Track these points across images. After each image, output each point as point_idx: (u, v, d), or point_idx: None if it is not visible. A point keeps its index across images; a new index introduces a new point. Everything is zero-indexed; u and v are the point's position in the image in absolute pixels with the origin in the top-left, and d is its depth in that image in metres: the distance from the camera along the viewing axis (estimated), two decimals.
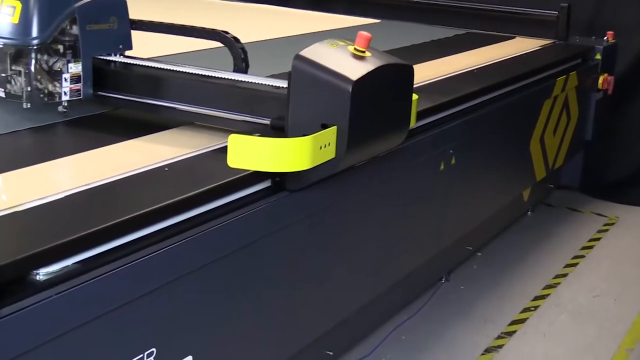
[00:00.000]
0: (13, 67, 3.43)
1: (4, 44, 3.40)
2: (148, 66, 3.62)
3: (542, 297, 5.22)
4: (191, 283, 2.77)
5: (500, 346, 4.60)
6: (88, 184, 2.82)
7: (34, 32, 3.36)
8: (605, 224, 6.51)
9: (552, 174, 6.18)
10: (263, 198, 3.06)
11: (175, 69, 3.57)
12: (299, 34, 5.77)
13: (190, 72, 3.54)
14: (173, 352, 2.75)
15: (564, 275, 5.55)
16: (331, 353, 3.96)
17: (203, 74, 3.52)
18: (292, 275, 3.34)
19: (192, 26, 3.90)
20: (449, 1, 6.88)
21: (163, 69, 3.60)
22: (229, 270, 2.96)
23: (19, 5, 3.37)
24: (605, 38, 6.45)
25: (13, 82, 3.45)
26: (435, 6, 6.90)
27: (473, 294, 5.16)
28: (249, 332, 3.16)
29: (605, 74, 6.38)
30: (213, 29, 3.81)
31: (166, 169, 3.05)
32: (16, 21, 3.36)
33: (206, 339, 2.91)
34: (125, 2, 3.67)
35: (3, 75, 3.46)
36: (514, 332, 4.77)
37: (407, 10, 6.85)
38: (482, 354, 4.51)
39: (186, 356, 2.80)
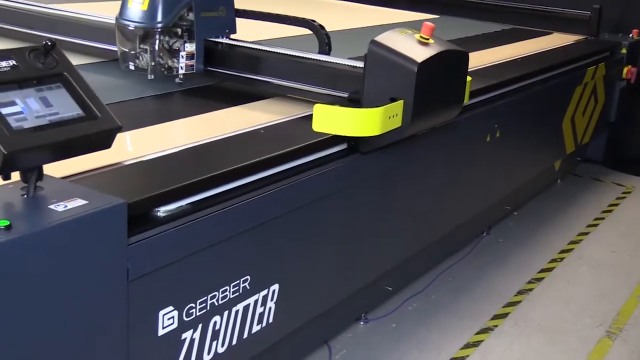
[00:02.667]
0: (141, 46, 3.49)
1: (135, 27, 3.45)
2: (249, 47, 3.65)
3: (567, 250, 5.16)
4: (280, 225, 2.80)
5: (530, 289, 4.57)
6: (199, 141, 2.88)
7: (159, 17, 3.41)
8: (623, 192, 6.39)
9: (579, 149, 6.08)
10: (340, 158, 3.07)
11: (271, 50, 3.59)
12: (371, 25, 5.73)
13: (283, 52, 3.55)
14: (263, 280, 2.79)
15: (586, 234, 5.47)
16: (390, 288, 3.98)
17: (294, 54, 3.54)
18: (361, 223, 3.35)
19: (285, 15, 3.92)
20: (497, 1, 6.78)
21: (261, 49, 3.62)
22: (310, 216, 2.98)
23: None
24: (630, 35, 6.28)
25: (140, 58, 3.51)
26: (485, 5, 6.81)
27: (509, 246, 5.12)
28: (324, 268, 3.19)
29: (629, 66, 6.22)
30: (303, 18, 3.82)
31: (262, 131, 3.08)
32: (145, 8, 3.41)
33: (290, 271, 2.95)
34: None
35: (133, 52, 3.52)
36: (542, 278, 4.72)
37: (462, 7, 6.77)
38: (515, 295, 4.48)
39: (274, 284, 2.84)
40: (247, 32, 3.79)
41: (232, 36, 3.69)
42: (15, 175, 2.05)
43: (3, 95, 2.01)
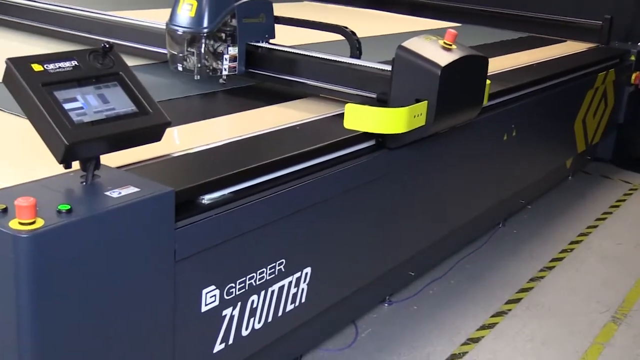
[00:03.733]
0: (188, 49, 3.51)
1: (183, 32, 3.48)
2: (286, 51, 3.64)
3: (577, 242, 5.10)
4: (313, 213, 2.81)
5: (542, 277, 4.53)
6: (240, 136, 2.89)
7: (205, 23, 3.43)
8: (630, 189, 6.30)
9: (590, 148, 6.00)
10: (369, 153, 3.07)
11: (306, 54, 3.59)
12: (398, 32, 5.70)
13: (318, 56, 3.55)
14: (297, 263, 2.80)
15: (595, 227, 5.40)
16: (413, 273, 3.97)
17: (327, 57, 3.53)
18: (386, 213, 3.34)
19: (320, 22, 3.91)
20: (515, 10, 6.70)
21: (298, 53, 3.61)
22: (341, 206, 2.98)
23: (195, 4, 3.44)
24: (639, 44, 6.19)
25: (188, 60, 3.54)
26: (504, 14, 6.72)
27: (523, 236, 5.07)
28: (352, 253, 3.19)
29: (637, 72, 6.12)
30: (336, 25, 3.81)
31: (297, 127, 3.09)
32: (193, 15, 3.43)
33: (322, 255, 2.96)
34: (271, 3, 3.70)
35: (181, 55, 3.55)
36: (553, 267, 4.68)
37: (482, 16, 6.70)
38: (528, 282, 4.45)
39: (307, 267, 2.85)
40: (284, 37, 3.79)
41: (271, 41, 3.69)
42: (75, 165, 2.08)
43: (66, 92, 2.04)
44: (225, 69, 3.53)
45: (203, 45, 3.48)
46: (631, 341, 3.92)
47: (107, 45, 2.18)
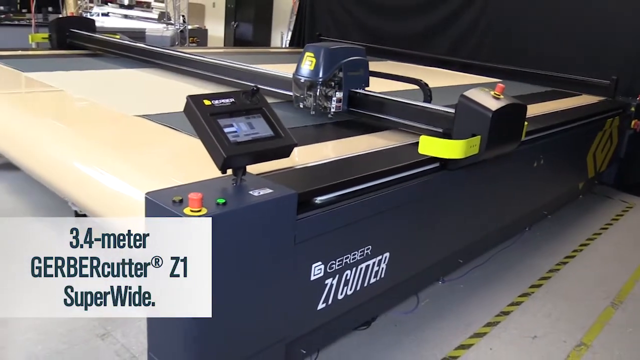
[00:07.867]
0: (307, 92, 3.49)
1: (304, 80, 3.45)
2: (377, 96, 3.55)
3: (585, 244, 4.78)
4: (393, 214, 2.71)
5: (558, 269, 4.26)
6: (343, 155, 2.83)
7: (320, 74, 3.40)
8: (627, 207, 5.88)
9: (597, 175, 5.62)
10: (435, 172, 2.94)
11: (391, 98, 3.48)
12: (456, 84, 5.52)
13: (400, 100, 3.44)
14: (379, 249, 2.71)
15: (599, 234, 5.05)
16: (461, 261, 3.80)
17: (406, 101, 3.42)
18: (445, 216, 3.20)
19: (402, 75, 3.80)
20: (543, 70, 6.34)
21: (385, 98, 3.52)
22: (413, 209, 2.87)
23: (314, 61, 3.41)
24: (638, 98, 5.75)
25: (306, 100, 3.51)
26: (534, 73, 6.34)
27: (544, 238, 4.79)
28: (418, 244, 3.06)
29: (636, 120, 5.70)
30: (414, 78, 3.69)
31: (384, 151, 3.00)
32: (312, 68, 3.41)
33: (397, 244, 2.85)
34: (367, 61, 3.63)
35: (302, 96, 3.53)
36: (567, 262, 4.40)
37: (517, 74, 6.38)
38: (547, 272, 4.19)
39: (386, 252, 2.76)
40: (376, 85, 3.70)
41: (366, 88, 3.62)
42: (228, 171, 2.07)
43: (226, 120, 2.05)
44: (333, 108, 3.49)
45: (318, 90, 3.45)
46: (625, 321, 3.65)
47: (255, 88, 2.17)
